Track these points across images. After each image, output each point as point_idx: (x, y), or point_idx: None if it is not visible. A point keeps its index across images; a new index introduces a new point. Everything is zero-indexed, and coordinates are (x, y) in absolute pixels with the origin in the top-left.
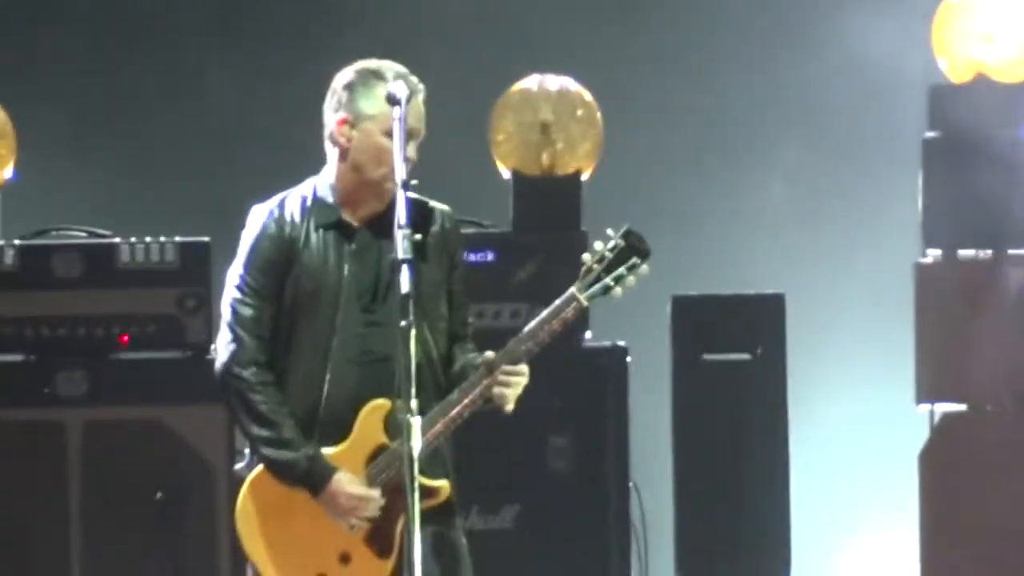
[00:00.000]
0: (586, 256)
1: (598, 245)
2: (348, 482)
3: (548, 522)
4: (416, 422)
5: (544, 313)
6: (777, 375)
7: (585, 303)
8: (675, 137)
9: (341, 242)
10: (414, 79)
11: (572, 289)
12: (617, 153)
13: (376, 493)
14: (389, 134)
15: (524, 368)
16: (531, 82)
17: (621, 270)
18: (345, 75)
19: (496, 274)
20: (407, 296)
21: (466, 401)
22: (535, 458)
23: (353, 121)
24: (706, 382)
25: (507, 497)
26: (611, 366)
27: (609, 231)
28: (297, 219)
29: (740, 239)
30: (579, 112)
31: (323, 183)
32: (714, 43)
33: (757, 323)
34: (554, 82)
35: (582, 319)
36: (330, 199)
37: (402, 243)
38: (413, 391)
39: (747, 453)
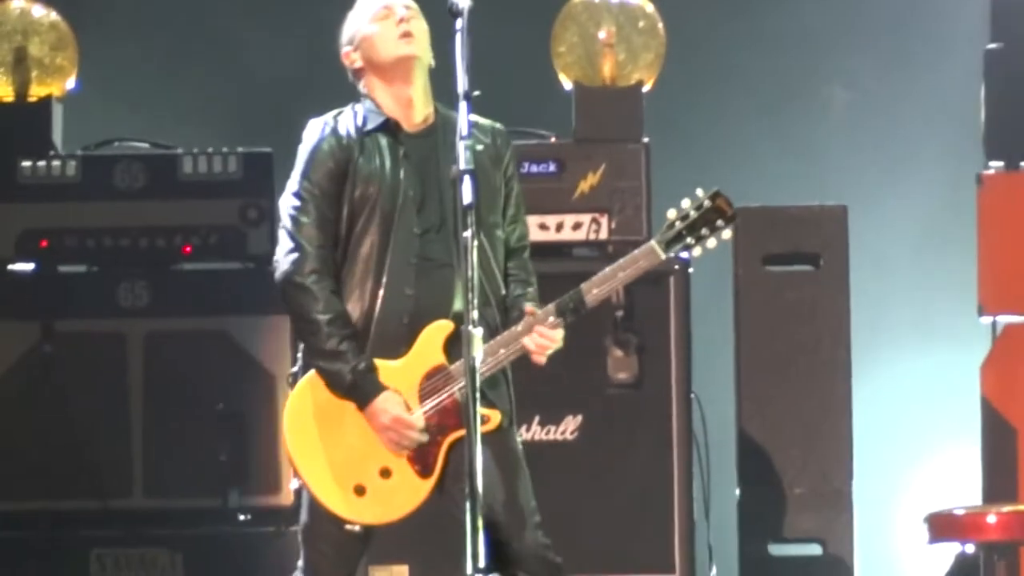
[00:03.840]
0: (671, 212)
1: (685, 203)
2: (393, 403)
3: (610, 434)
4: (478, 333)
5: (620, 261)
6: (840, 287)
7: (663, 257)
8: (735, 48)
9: (395, 148)
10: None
11: (652, 242)
12: (678, 64)
13: (419, 420)
14: (376, 18)
15: (557, 334)
16: None
17: (704, 230)
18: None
19: (558, 185)
20: (469, 206)
21: (503, 352)
22: (597, 369)
23: (351, 44)
24: (769, 294)
25: (569, 408)
26: (674, 277)
27: (699, 191)
28: (352, 130)
29: (803, 150)
30: (641, 23)
31: (367, 103)
32: None
33: (820, 234)
34: None
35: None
36: (377, 112)
37: (464, 153)
38: (475, 302)
39: (809, 365)
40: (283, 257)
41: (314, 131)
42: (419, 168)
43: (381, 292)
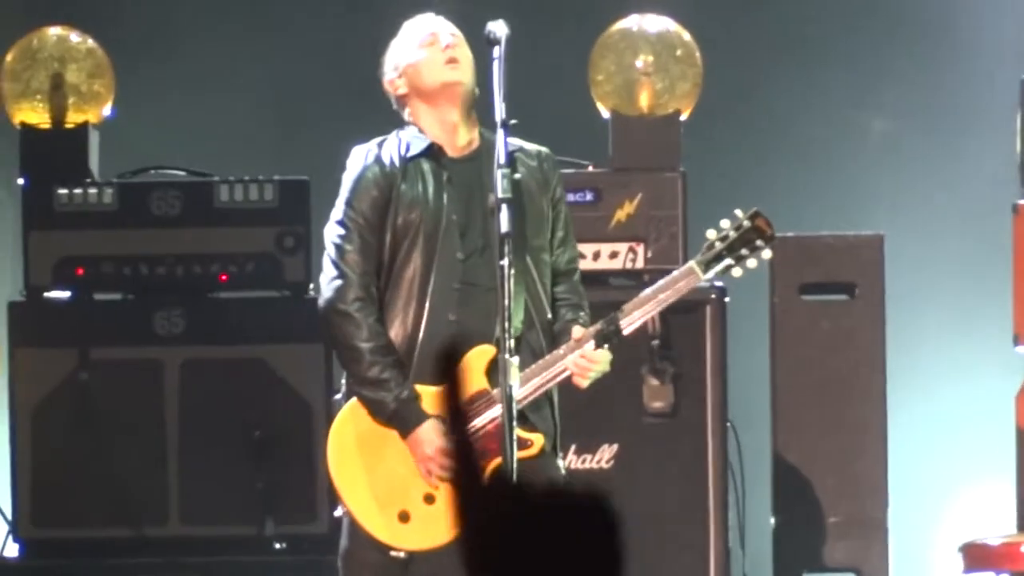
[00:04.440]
0: (710, 232)
1: (724, 223)
2: (434, 431)
3: (645, 462)
4: (514, 361)
5: (660, 282)
6: (876, 316)
7: (703, 278)
8: (774, 77)
9: (439, 173)
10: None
11: (691, 263)
12: (716, 94)
13: None
14: (424, 45)
15: (603, 355)
16: (630, 22)
17: (743, 251)
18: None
19: (595, 214)
20: (507, 235)
21: (546, 375)
22: (633, 398)
23: (396, 71)
24: (805, 323)
25: (605, 437)
26: (710, 306)
27: (738, 211)
28: (395, 156)
29: (840, 179)
30: (678, 52)
31: (412, 129)
32: None
33: (856, 264)
34: (653, 22)
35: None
36: (422, 138)
37: (501, 183)
38: (512, 330)
39: (845, 394)
40: (326, 284)
41: (358, 158)
42: (463, 193)
43: (424, 317)
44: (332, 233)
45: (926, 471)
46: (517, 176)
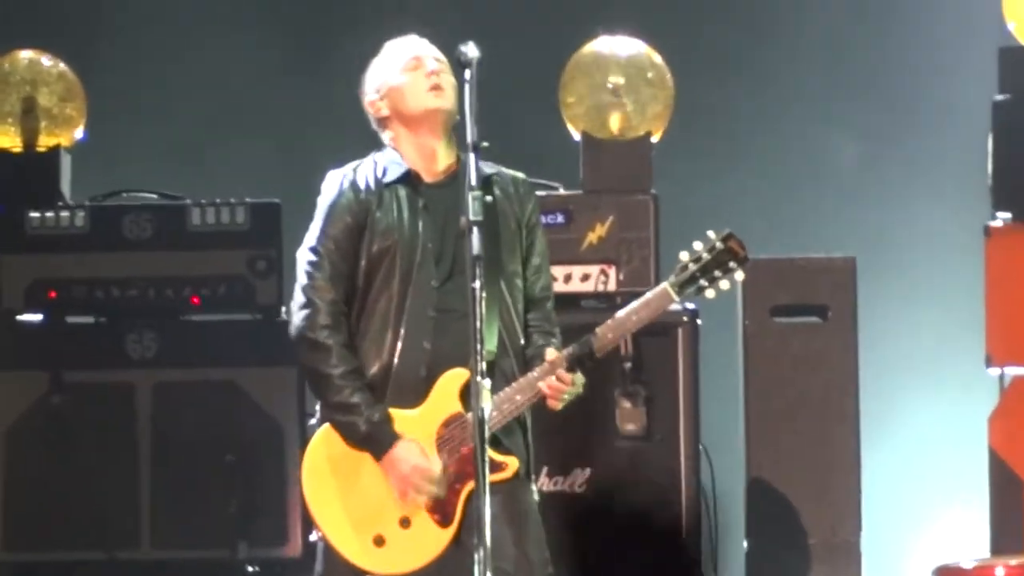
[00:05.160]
0: (683, 254)
1: (697, 245)
2: (409, 451)
3: (618, 486)
4: (486, 384)
5: (633, 304)
6: (848, 338)
7: (676, 299)
8: (746, 100)
9: (414, 199)
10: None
11: (665, 284)
12: (687, 115)
13: (437, 465)
14: (407, 69)
15: (577, 379)
16: (601, 44)
17: (716, 272)
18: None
19: (566, 236)
20: (477, 258)
21: (519, 399)
22: (606, 421)
23: (378, 93)
24: (777, 345)
25: (577, 460)
26: (682, 329)
27: (710, 233)
28: (371, 182)
29: (811, 202)
30: (649, 74)
31: (390, 152)
32: (784, 4)
33: (828, 286)
34: (624, 44)
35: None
36: (399, 162)
37: (472, 205)
38: (483, 353)
39: (818, 416)
40: (296, 312)
41: (333, 184)
42: (438, 219)
43: (399, 345)
44: (303, 259)
45: (900, 493)
46: (489, 198)
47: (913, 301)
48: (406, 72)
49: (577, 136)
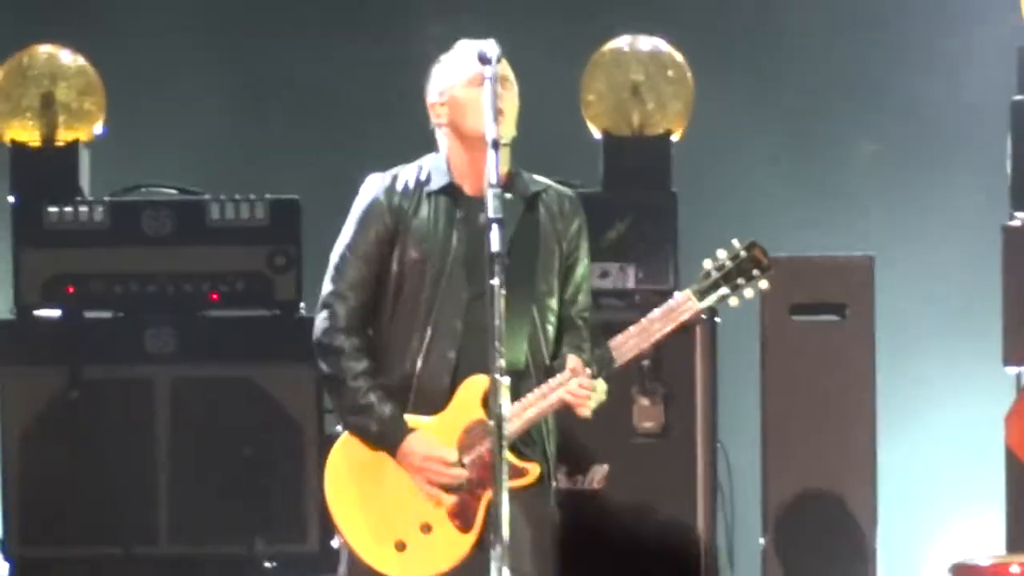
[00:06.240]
0: (707, 262)
1: (721, 253)
2: (419, 441)
3: (636, 483)
4: (506, 381)
5: (656, 312)
6: (866, 337)
7: (700, 307)
8: (765, 97)
9: (452, 210)
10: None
11: (688, 291)
12: (707, 113)
13: (451, 454)
14: (473, 84)
15: (599, 384)
16: (622, 42)
17: (739, 280)
18: (433, 66)
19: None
20: (497, 255)
21: (543, 405)
22: (623, 419)
23: (441, 97)
24: (795, 343)
25: (595, 458)
26: (701, 327)
27: (735, 241)
28: (411, 188)
29: (830, 200)
30: (670, 72)
31: (439, 159)
32: (803, 3)
33: (846, 285)
34: (645, 42)
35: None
36: (444, 171)
37: (492, 202)
38: (503, 354)
39: (835, 415)
40: (317, 314)
41: (370, 189)
42: (476, 232)
43: (424, 353)
44: (331, 263)
45: (916, 491)
46: (545, 213)
47: (931, 300)
48: (471, 86)
49: (598, 134)
